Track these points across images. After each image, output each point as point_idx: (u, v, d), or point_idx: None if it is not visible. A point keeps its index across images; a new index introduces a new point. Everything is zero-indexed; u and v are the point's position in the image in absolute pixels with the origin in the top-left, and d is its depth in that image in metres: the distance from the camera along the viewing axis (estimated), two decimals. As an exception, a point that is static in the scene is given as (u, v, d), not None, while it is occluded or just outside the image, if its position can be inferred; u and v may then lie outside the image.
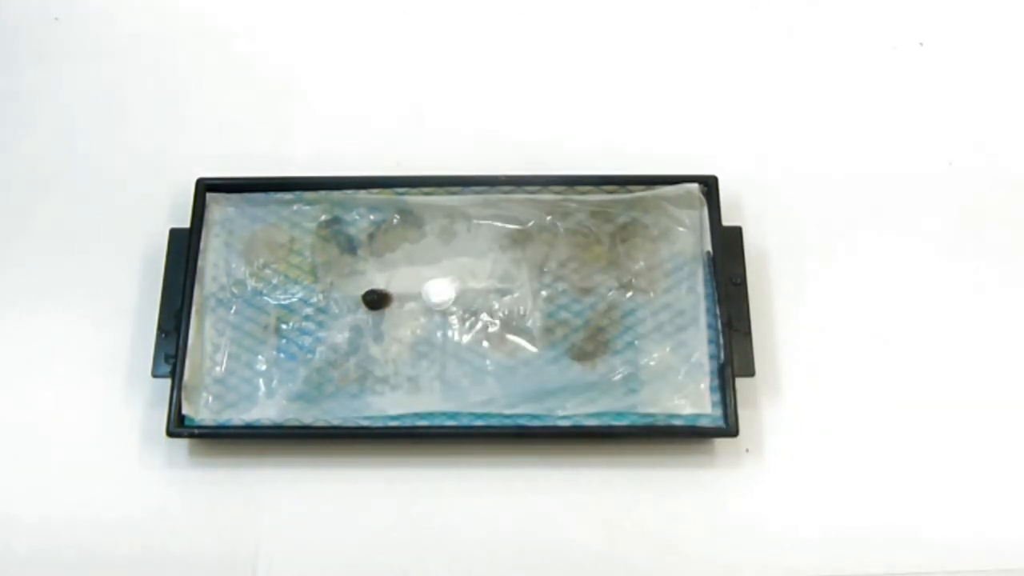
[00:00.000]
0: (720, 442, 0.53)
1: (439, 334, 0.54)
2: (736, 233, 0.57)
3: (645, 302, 0.55)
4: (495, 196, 0.57)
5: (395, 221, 0.57)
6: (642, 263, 0.56)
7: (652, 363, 0.54)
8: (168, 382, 0.53)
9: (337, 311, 0.55)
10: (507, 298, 0.55)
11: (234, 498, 0.53)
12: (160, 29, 0.66)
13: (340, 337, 0.54)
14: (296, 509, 0.53)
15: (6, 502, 0.53)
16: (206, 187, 0.57)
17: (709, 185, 0.57)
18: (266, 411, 0.53)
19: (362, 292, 0.55)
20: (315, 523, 0.52)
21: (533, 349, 0.54)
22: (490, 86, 0.64)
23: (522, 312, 0.55)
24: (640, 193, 0.57)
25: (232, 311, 0.55)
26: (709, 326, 0.54)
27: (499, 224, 0.57)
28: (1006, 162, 0.61)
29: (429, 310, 0.55)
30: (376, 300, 0.55)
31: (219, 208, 0.57)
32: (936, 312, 0.57)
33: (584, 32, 0.66)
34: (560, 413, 0.53)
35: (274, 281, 0.56)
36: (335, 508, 0.53)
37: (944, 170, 0.61)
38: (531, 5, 0.66)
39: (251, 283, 0.56)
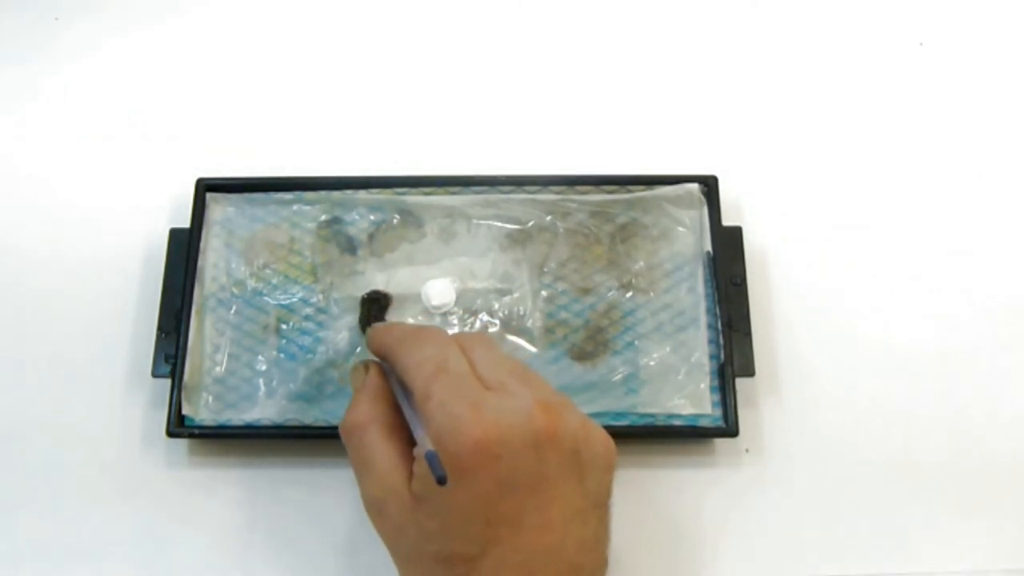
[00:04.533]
0: (720, 442, 0.53)
1: (439, 334, 0.54)
2: (736, 233, 0.57)
3: (645, 302, 0.55)
4: (495, 196, 0.57)
5: (395, 221, 0.57)
6: (642, 263, 0.56)
7: (652, 363, 0.54)
8: (168, 382, 0.53)
9: (337, 311, 0.55)
10: (507, 298, 0.55)
11: (234, 498, 0.53)
12: (160, 29, 0.66)
13: (340, 337, 0.54)
14: (296, 509, 0.53)
15: (5, 502, 0.53)
16: (206, 187, 0.57)
17: (709, 185, 0.57)
18: (266, 411, 0.53)
19: (362, 292, 0.55)
20: (316, 523, 0.52)
21: (533, 349, 0.54)
22: (490, 85, 0.64)
23: (522, 312, 0.55)
24: (640, 193, 0.57)
25: (232, 311, 0.55)
26: (709, 326, 0.54)
27: (499, 224, 0.57)
28: (1007, 163, 0.61)
29: (429, 310, 0.55)
30: (376, 302, 0.55)
31: (219, 208, 0.57)
32: (938, 312, 0.57)
33: (584, 32, 0.66)
34: (560, 413, 0.53)
35: (274, 281, 0.56)
36: (336, 508, 0.53)
37: (944, 170, 0.61)
38: (531, 4, 0.67)
39: (251, 283, 0.56)
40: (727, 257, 0.56)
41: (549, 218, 0.57)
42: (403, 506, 0.41)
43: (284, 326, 0.55)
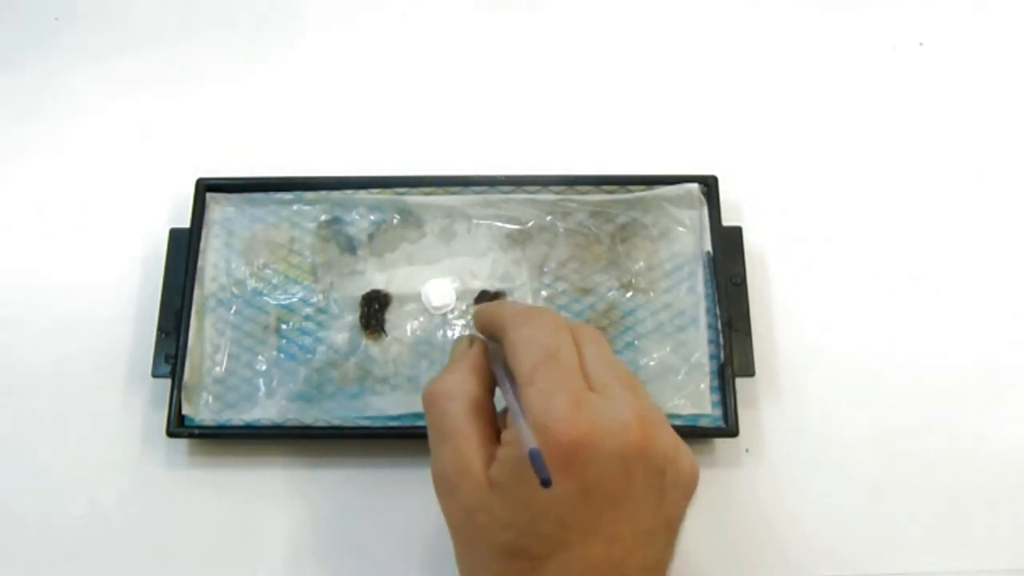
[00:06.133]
0: (720, 442, 0.53)
1: (439, 334, 0.54)
2: (736, 233, 0.57)
3: (645, 302, 0.55)
4: (495, 196, 0.57)
5: (395, 221, 0.57)
6: (642, 263, 0.56)
7: (652, 363, 0.54)
8: (168, 382, 0.53)
9: (337, 311, 0.55)
10: (508, 298, 0.55)
11: (234, 498, 0.53)
12: (159, 30, 0.66)
13: (340, 337, 0.54)
14: (296, 509, 0.53)
15: (6, 502, 0.53)
16: (206, 187, 0.57)
17: (709, 185, 0.57)
18: (266, 411, 0.53)
19: (362, 292, 0.55)
20: (315, 523, 0.52)
21: (533, 349, 0.54)
22: (490, 86, 0.64)
23: (522, 312, 0.55)
24: (640, 193, 0.57)
25: (232, 311, 0.55)
26: (709, 326, 0.54)
27: (499, 224, 0.57)
28: (1007, 163, 0.61)
29: (429, 310, 0.55)
30: (376, 302, 0.55)
31: (219, 208, 0.57)
32: (939, 312, 0.57)
33: (584, 32, 0.66)
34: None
35: (274, 281, 0.56)
36: (335, 508, 0.53)
37: (944, 170, 0.61)
38: (530, 4, 0.67)
39: (251, 283, 0.56)
40: (727, 257, 0.56)
41: (549, 218, 0.57)
42: (477, 490, 0.40)
43: (284, 326, 0.55)
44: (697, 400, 0.53)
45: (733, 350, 0.53)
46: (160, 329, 0.54)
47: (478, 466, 0.40)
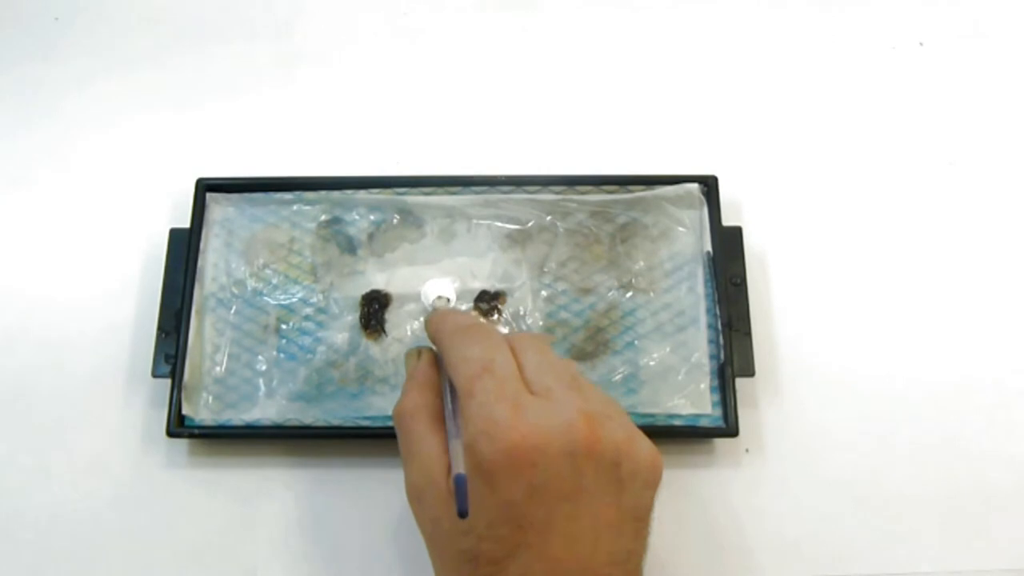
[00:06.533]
0: (720, 442, 0.53)
1: (439, 334, 0.54)
2: (736, 233, 0.57)
3: (645, 302, 0.55)
4: (495, 196, 0.57)
5: (395, 221, 0.57)
6: (642, 263, 0.56)
7: (652, 363, 0.54)
8: (168, 382, 0.53)
9: (337, 311, 0.55)
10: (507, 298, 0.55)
11: (234, 498, 0.53)
12: (160, 29, 0.66)
13: (340, 337, 0.54)
14: (296, 509, 0.53)
15: (6, 502, 0.53)
16: (206, 187, 0.57)
17: (709, 185, 0.57)
18: (266, 411, 0.53)
19: (362, 292, 0.55)
20: (315, 523, 0.52)
21: (533, 349, 0.54)
22: (490, 86, 0.64)
23: (522, 312, 0.55)
24: (640, 193, 0.57)
25: (232, 311, 0.55)
26: (709, 326, 0.54)
27: (499, 224, 0.57)
28: (1007, 162, 0.61)
29: (428, 310, 0.55)
30: (376, 302, 0.55)
31: (219, 208, 0.57)
32: (938, 313, 0.57)
33: (584, 32, 0.66)
34: (560, 413, 0.53)
35: (274, 281, 0.56)
36: (335, 508, 0.53)
37: (945, 170, 0.61)
38: (530, 4, 0.67)
39: (251, 283, 0.56)
40: (727, 257, 0.56)
41: (549, 218, 0.57)
42: (440, 498, 0.41)
43: (284, 326, 0.55)
44: (697, 400, 0.53)
45: (733, 350, 0.53)
46: (160, 329, 0.54)
47: (440, 475, 0.42)
